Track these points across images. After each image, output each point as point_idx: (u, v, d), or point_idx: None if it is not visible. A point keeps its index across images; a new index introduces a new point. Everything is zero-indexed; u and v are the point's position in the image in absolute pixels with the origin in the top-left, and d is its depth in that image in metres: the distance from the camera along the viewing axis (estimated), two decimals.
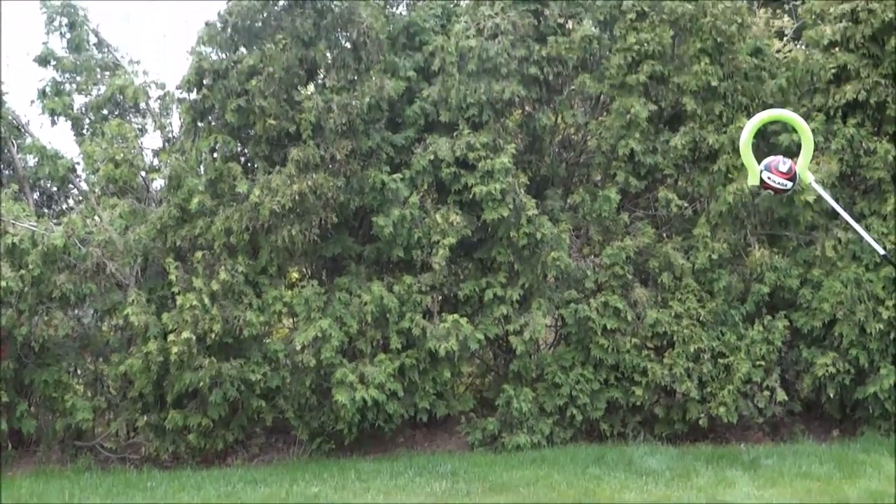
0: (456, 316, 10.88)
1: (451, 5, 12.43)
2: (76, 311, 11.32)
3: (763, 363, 11.05)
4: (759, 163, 6.03)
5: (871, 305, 10.87)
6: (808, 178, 5.90)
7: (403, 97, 11.49)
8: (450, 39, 11.52)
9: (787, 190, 5.90)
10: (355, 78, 11.22)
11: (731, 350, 11.09)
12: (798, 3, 14.19)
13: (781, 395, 11.09)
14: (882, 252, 6.18)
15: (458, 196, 11.26)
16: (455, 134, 11.26)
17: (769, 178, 5.80)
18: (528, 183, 11.48)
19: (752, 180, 5.91)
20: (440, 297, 11.41)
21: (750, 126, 6.05)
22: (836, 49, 11.65)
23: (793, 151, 11.29)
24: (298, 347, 10.64)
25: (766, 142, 11.05)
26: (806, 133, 6.00)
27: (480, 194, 10.94)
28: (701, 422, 11.00)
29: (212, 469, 10.65)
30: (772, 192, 6.12)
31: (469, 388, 12.09)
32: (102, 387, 11.43)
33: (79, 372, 11.38)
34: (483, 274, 11.37)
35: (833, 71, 11.53)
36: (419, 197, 11.19)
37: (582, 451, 10.68)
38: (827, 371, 10.92)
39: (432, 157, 11.15)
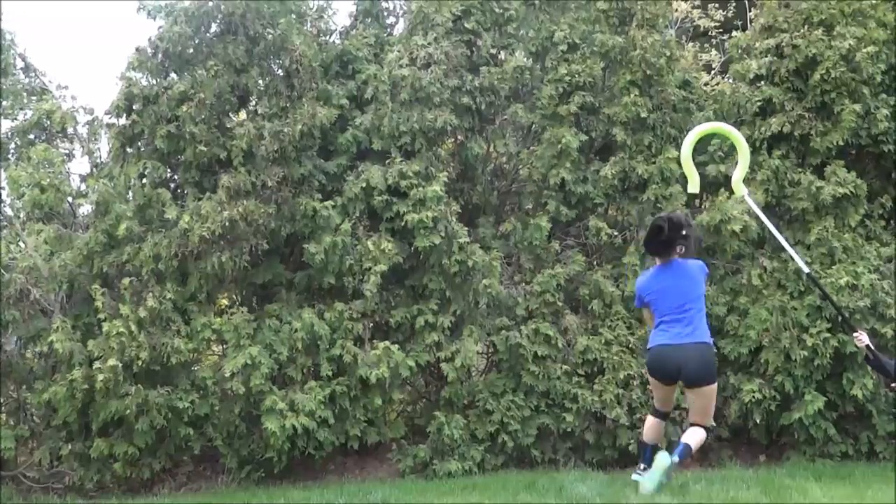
0: (387, 343, 10.85)
1: (385, 35, 12.52)
2: None
3: None
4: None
5: (795, 333, 11.04)
6: (742, 190, 6.02)
7: (336, 125, 11.50)
8: (383, 68, 11.61)
9: None
10: (288, 105, 11.21)
11: None
12: (725, 37, 14.54)
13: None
14: (806, 270, 6.31)
15: (390, 223, 11.26)
16: (387, 162, 11.30)
17: None
18: (459, 211, 11.53)
19: (693, 188, 6.00)
20: (371, 325, 11.35)
21: (691, 137, 6.15)
22: (762, 83, 11.96)
23: (720, 182, 11.62)
24: (227, 375, 10.51)
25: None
26: (743, 147, 6.14)
27: (412, 222, 10.96)
28: (631, 447, 11.04)
29: (138, 498, 10.45)
30: None
31: (400, 415, 12.02)
32: (25, 415, 11.16)
33: (1, 400, 11.13)
34: (415, 301, 11.36)
35: (759, 104, 11.82)
36: (351, 224, 11.14)
37: (513, 478, 10.64)
38: (753, 397, 11.05)
39: (364, 184, 11.15)
